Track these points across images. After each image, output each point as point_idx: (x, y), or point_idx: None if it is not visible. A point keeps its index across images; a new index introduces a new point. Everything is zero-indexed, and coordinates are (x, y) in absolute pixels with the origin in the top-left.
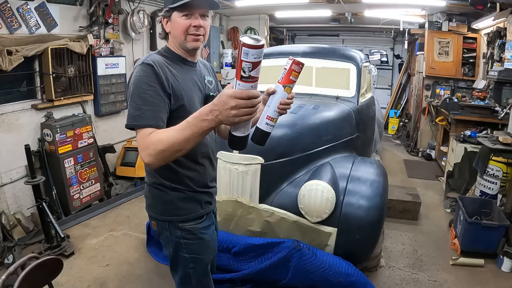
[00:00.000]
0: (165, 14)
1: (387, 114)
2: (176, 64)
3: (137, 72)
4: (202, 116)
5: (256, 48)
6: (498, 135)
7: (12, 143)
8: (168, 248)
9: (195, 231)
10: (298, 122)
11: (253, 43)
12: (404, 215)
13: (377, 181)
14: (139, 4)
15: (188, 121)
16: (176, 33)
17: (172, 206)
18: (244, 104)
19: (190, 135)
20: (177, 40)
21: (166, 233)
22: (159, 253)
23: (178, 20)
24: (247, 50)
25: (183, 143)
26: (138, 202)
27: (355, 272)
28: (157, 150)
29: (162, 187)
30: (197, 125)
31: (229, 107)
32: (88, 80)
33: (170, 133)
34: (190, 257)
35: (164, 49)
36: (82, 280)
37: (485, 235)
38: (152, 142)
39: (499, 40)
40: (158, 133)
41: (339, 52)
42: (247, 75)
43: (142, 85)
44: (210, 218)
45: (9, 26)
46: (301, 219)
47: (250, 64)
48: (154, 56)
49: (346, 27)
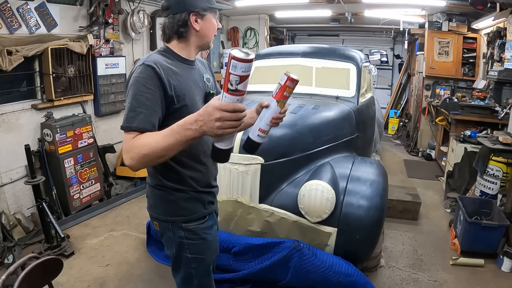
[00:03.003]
0: (202, 13)
1: (387, 114)
2: (178, 64)
3: (136, 73)
4: (187, 125)
5: (245, 61)
6: (498, 135)
7: (12, 143)
8: (170, 248)
9: (198, 231)
10: (298, 122)
11: (242, 56)
12: (404, 215)
13: (377, 181)
14: (139, 4)
15: (172, 128)
16: (208, 32)
17: (176, 206)
18: (229, 117)
19: (173, 142)
20: (204, 39)
21: (169, 233)
22: (159, 253)
23: (212, 21)
24: (235, 63)
25: (166, 150)
26: (138, 202)
27: (355, 272)
28: (140, 154)
29: (165, 188)
30: (181, 133)
31: (214, 119)
32: (88, 80)
33: (154, 139)
34: (193, 257)
35: (164, 49)
36: (82, 280)
37: (485, 235)
38: (135, 146)
39: (499, 40)
40: (142, 137)
41: (339, 52)
42: (234, 88)
43: (140, 87)
44: (212, 218)
45: (9, 26)
46: (301, 219)
47: (237, 77)
48: (155, 57)
49: (346, 27)
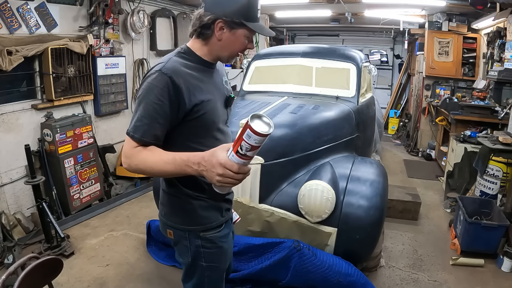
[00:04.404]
0: (231, 24)
1: (387, 114)
2: (198, 68)
3: (151, 79)
4: (189, 163)
5: (261, 136)
6: (498, 135)
7: (12, 143)
8: (185, 256)
9: (215, 239)
10: (298, 122)
11: (259, 130)
12: (404, 215)
13: (377, 181)
14: (139, 4)
15: (175, 158)
16: (230, 47)
17: (194, 215)
18: (231, 176)
19: (171, 171)
20: (223, 52)
21: (185, 242)
22: (159, 253)
23: (242, 39)
24: (251, 133)
25: (161, 173)
26: (138, 202)
27: (355, 272)
28: (138, 167)
29: (183, 196)
30: (181, 167)
31: (216, 173)
32: (88, 80)
33: (155, 160)
34: (208, 265)
35: (185, 50)
36: (82, 280)
37: (485, 235)
38: (135, 157)
39: (499, 40)
40: (144, 152)
41: (339, 52)
42: (243, 153)
43: (151, 96)
44: (228, 225)
45: (9, 26)
46: (301, 219)
47: (249, 146)
48: (175, 63)
49: (346, 27)
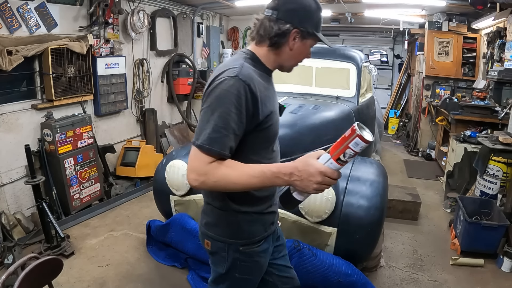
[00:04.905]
0: (305, 35)
1: (387, 114)
2: (264, 76)
3: (227, 85)
4: (280, 175)
5: (368, 143)
6: (498, 135)
7: (12, 143)
8: (220, 267)
9: (253, 254)
10: (298, 122)
11: (368, 138)
12: (404, 215)
13: (377, 181)
14: (139, 4)
15: (263, 171)
16: (298, 57)
17: (237, 229)
18: (328, 182)
19: (257, 185)
20: (290, 62)
21: (223, 254)
22: (159, 253)
23: (309, 48)
24: (360, 142)
25: (244, 188)
26: (138, 202)
27: (355, 272)
28: (217, 184)
29: (230, 210)
30: (270, 179)
31: (314, 181)
32: (88, 80)
33: (238, 174)
34: (241, 277)
35: (251, 56)
36: (82, 280)
37: (485, 235)
38: (213, 174)
39: (499, 40)
40: (223, 168)
41: (339, 52)
42: (344, 160)
43: (229, 104)
44: (269, 240)
45: (9, 26)
46: (301, 219)
47: (354, 153)
48: (249, 69)
49: (346, 27)
